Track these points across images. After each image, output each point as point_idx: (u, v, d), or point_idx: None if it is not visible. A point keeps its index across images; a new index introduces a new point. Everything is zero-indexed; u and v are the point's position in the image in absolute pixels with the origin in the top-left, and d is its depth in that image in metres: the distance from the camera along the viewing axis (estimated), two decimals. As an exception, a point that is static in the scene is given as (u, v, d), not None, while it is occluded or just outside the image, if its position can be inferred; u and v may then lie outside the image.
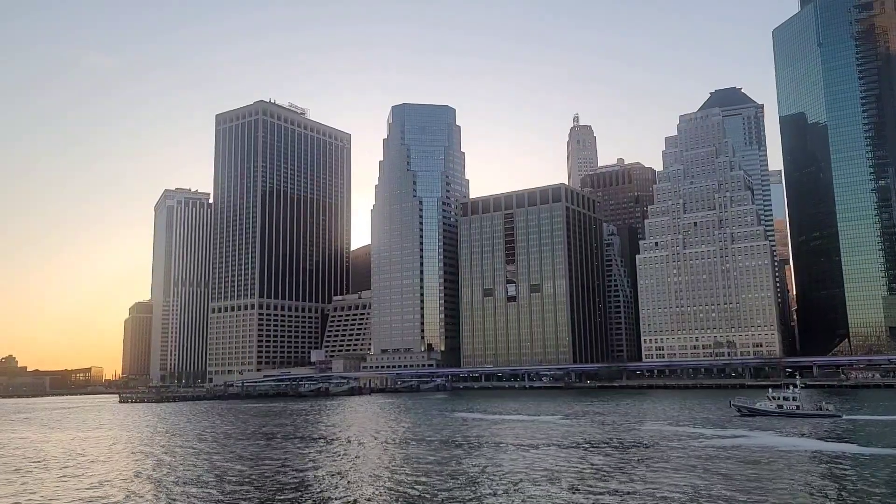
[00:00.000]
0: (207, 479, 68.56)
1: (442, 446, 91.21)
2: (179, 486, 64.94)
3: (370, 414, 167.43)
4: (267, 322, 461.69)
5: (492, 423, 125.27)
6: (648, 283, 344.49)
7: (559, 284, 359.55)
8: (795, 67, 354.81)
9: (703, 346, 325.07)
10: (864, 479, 61.26)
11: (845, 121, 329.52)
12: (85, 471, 76.53)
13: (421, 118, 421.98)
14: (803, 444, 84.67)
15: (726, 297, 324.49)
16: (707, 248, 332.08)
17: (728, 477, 63.28)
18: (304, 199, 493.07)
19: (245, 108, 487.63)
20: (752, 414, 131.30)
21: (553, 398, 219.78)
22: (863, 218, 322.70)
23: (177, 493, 61.09)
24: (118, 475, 72.63)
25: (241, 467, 75.61)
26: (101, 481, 68.57)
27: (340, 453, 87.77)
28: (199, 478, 69.51)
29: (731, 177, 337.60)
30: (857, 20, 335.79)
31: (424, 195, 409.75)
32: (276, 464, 78.46)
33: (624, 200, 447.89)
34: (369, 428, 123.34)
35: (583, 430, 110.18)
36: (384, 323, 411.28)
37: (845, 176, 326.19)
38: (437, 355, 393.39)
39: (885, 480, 61.30)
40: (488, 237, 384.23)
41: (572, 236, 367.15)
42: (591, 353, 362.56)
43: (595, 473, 66.54)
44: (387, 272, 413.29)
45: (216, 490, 62.02)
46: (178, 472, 73.99)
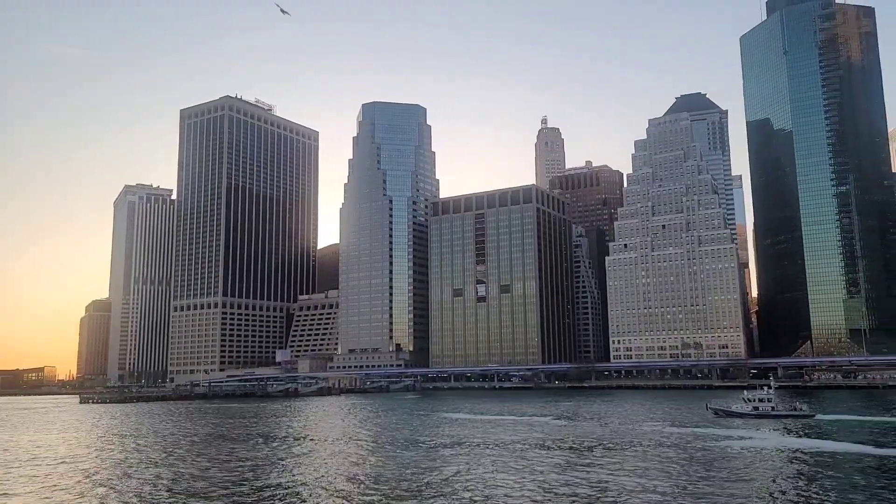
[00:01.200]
0: (185, 482, 66.18)
1: (446, 447, 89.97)
2: (161, 490, 62.51)
3: (348, 415, 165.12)
4: (231, 321, 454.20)
5: (484, 424, 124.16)
6: (617, 285, 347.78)
7: (529, 285, 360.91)
8: (762, 74, 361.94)
9: (671, 347, 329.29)
10: (856, 475, 62.66)
11: (809, 127, 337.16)
12: (54, 471, 73.37)
13: (391, 117, 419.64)
14: (811, 444, 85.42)
15: (693, 299, 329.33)
16: (675, 250, 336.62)
17: (759, 477, 63.75)
18: (271, 196, 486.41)
19: (210, 103, 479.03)
20: (728, 416, 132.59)
21: (528, 399, 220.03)
22: (825, 223, 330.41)
23: (161, 498, 58.78)
24: (93, 480, 69.63)
25: (224, 471, 73.19)
26: (70, 485, 65.72)
27: (327, 454, 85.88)
28: (177, 480, 67.09)
29: (698, 180, 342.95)
30: (820, 29, 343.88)
31: (394, 194, 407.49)
32: (268, 466, 76.31)
33: (592, 203, 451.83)
34: (356, 429, 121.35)
35: (584, 430, 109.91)
36: (352, 322, 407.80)
37: (809, 181, 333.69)
38: (405, 355, 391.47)
39: (873, 475, 63.07)
40: (458, 237, 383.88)
41: (542, 237, 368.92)
42: (560, 353, 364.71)
43: (631, 476, 65.88)
44: (355, 271, 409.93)
45: (197, 493, 59.87)
46: (157, 476, 71.17)
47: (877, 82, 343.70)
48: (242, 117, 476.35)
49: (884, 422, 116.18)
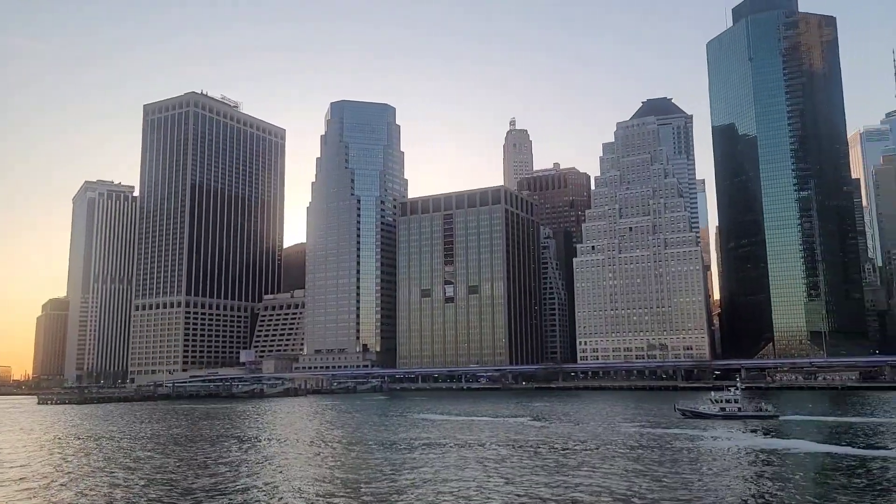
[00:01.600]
0: (151, 486, 64.13)
1: (425, 449, 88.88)
2: (131, 494, 60.49)
3: (318, 416, 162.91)
4: (194, 321, 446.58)
5: (460, 425, 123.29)
6: (585, 286, 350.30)
7: (497, 286, 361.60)
8: (727, 80, 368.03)
9: (636, 348, 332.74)
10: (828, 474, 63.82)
11: (773, 133, 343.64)
12: (18, 475, 70.62)
13: (360, 116, 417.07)
14: (797, 446, 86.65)
15: (659, 301, 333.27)
16: (641, 252, 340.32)
17: (738, 475, 64.51)
18: (236, 194, 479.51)
19: (175, 98, 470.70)
20: (695, 416, 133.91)
21: (498, 399, 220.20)
22: (787, 227, 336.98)
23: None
24: (59, 483, 67.13)
25: (193, 475, 71.19)
26: (35, 488, 63.30)
27: (300, 456, 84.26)
28: (145, 484, 64.98)
29: (665, 184, 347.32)
30: (784, 37, 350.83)
31: (362, 194, 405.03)
32: (238, 468, 74.48)
33: (559, 204, 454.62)
34: (329, 431, 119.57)
35: (563, 431, 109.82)
36: (318, 323, 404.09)
37: (772, 186, 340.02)
38: (372, 356, 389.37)
39: (837, 474, 64.77)
40: (427, 237, 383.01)
41: (511, 239, 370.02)
42: (527, 354, 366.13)
43: (629, 476, 65.58)
44: (322, 271, 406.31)
45: (162, 498, 58.09)
46: (123, 479, 68.86)
47: (837, 89, 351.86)
48: (208, 114, 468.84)
49: (845, 422, 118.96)
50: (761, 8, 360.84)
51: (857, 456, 75.18)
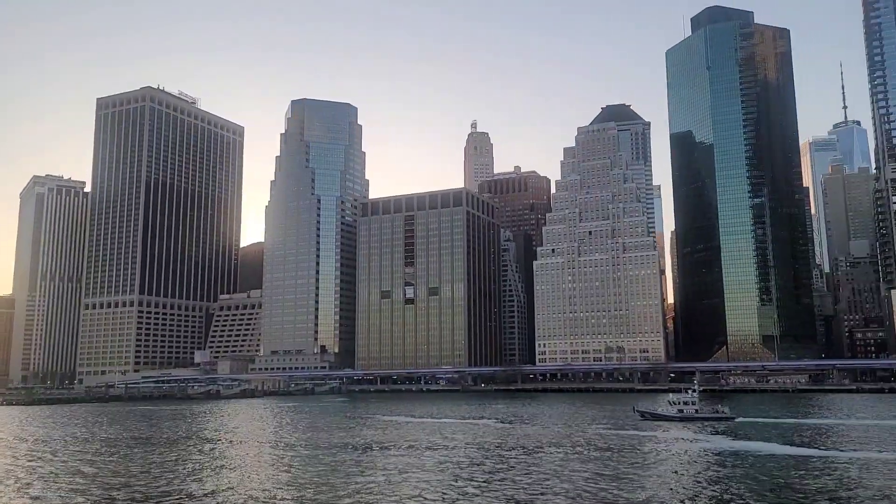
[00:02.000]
0: (108, 489, 62.27)
1: (397, 451, 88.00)
2: (84, 498, 58.48)
3: (278, 417, 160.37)
4: (146, 320, 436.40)
5: (428, 427, 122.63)
6: (544, 289, 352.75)
7: (458, 288, 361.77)
8: (686, 88, 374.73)
9: (594, 350, 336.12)
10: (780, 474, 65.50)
11: (729, 141, 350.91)
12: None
13: (322, 115, 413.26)
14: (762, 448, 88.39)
15: (617, 304, 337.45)
16: (600, 256, 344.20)
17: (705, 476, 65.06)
18: (192, 192, 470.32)
19: (130, 93, 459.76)
20: (654, 418, 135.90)
21: (460, 401, 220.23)
22: (741, 233, 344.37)
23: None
24: (7, 486, 64.55)
25: (149, 478, 69.20)
26: None
27: (266, 459, 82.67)
28: (102, 488, 62.96)
29: (624, 189, 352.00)
30: (740, 47, 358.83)
31: (323, 193, 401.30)
32: (198, 471, 72.64)
33: (519, 207, 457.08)
34: (293, 434, 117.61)
35: (533, 433, 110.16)
36: (275, 323, 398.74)
37: (727, 193, 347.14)
38: (330, 357, 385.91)
39: (793, 473, 66.97)
40: (388, 238, 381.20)
41: (471, 241, 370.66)
42: (486, 356, 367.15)
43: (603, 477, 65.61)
44: (280, 271, 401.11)
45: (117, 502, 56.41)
46: (79, 483, 66.55)
47: (791, 99, 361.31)
48: (164, 109, 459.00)
49: (797, 423, 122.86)
50: (719, 18, 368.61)
51: (810, 456, 77.91)
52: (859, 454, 79.13)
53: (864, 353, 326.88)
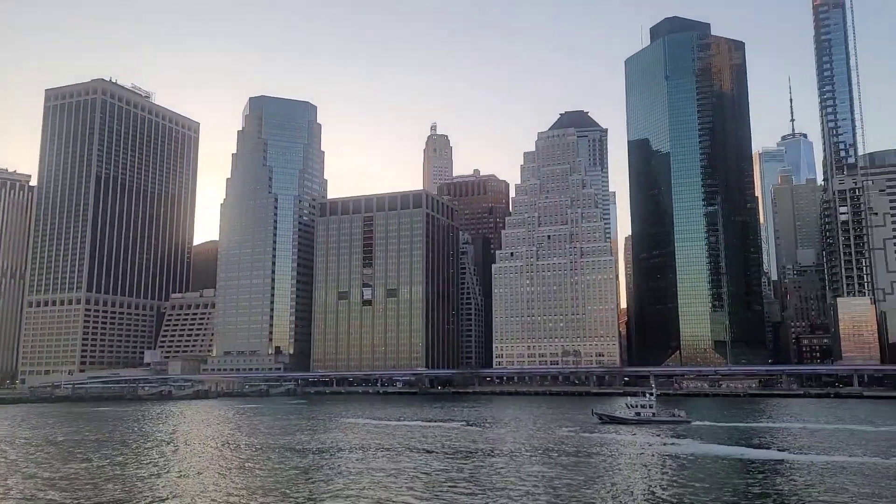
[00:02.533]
0: (56, 493, 59.83)
1: (369, 454, 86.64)
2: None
3: (237, 419, 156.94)
4: (94, 319, 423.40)
5: (395, 430, 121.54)
6: (503, 292, 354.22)
7: (416, 290, 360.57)
8: (644, 96, 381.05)
9: (551, 354, 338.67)
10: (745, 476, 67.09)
11: (685, 150, 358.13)
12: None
13: (280, 113, 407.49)
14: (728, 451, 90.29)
15: (573, 308, 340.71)
16: (558, 260, 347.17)
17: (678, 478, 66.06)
18: (144, 187, 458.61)
19: (81, 84, 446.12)
20: (612, 421, 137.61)
21: (420, 404, 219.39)
22: (695, 240, 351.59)
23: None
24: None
25: (112, 480, 66.85)
26: None
27: (231, 463, 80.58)
28: (53, 493, 60.50)
29: (582, 194, 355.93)
30: (697, 58, 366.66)
31: (280, 192, 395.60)
32: (155, 475, 70.36)
33: (478, 211, 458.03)
34: (264, 438, 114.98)
35: (506, 436, 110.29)
36: (229, 323, 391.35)
37: (682, 201, 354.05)
38: (285, 358, 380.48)
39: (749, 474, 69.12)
40: (346, 239, 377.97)
41: (431, 243, 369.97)
42: (444, 359, 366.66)
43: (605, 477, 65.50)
44: (235, 270, 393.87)
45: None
46: (27, 489, 63.80)
47: (745, 110, 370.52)
48: (117, 102, 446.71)
49: (751, 427, 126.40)
50: (677, 29, 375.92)
51: (765, 458, 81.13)
52: (809, 457, 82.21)
53: (811, 359, 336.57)
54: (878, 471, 71.58)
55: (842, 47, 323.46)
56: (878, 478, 67.43)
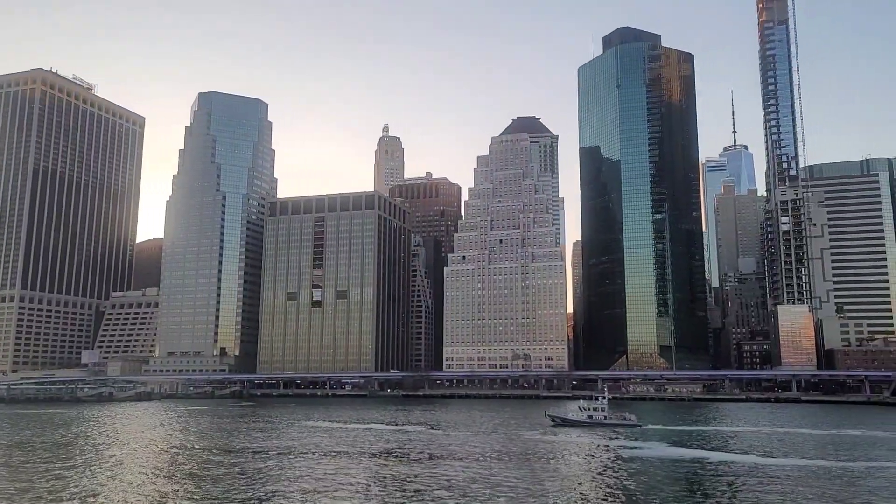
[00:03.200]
0: None
1: (363, 459, 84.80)
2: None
3: (190, 422, 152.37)
4: (29, 317, 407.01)
5: (358, 434, 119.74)
6: (454, 295, 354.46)
7: (367, 292, 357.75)
8: (596, 104, 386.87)
9: (501, 357, 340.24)
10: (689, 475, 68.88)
11: (635, 158, 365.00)
12: None
13: (230, 109, 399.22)
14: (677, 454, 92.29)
15: (524, 312, 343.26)
16: (510, 264, 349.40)
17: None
18: (85, 182, 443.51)
19: (19, 74, 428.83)
20: (565, 423, 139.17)
21: (375, 406, 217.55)
22: (643, 247, 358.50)
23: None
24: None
25: (40, 489, 63.82)
26: None
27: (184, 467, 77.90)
28: None
29: (534, 199, 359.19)
30: (648, 68, 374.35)
31: (229, 190, 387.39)
32: (95, 480, 67.51)
33: (430, 213, 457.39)
34: (216, 441, 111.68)
35: (474, 439, 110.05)
36: (173, 324, 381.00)
37: (632, 208, 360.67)
38: (230, 360, 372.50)
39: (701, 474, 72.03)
40: (296, 239, 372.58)
41: (383, 245, 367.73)
42: (393, 362, 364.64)
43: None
44: (180, 269, 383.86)
45: None
46: None
47: (692, 121, 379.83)
48: (57, 93, 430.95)
49: (699, 430, 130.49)
50: (629, 39, 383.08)
51: (714, 460, 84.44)
52: (753, 458, 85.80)
53: (751, 365, 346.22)
54: (818, 472, 74.80)
55: (785, 63, 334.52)
56: (819, 479, 70.46)
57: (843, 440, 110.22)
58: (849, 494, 62.10)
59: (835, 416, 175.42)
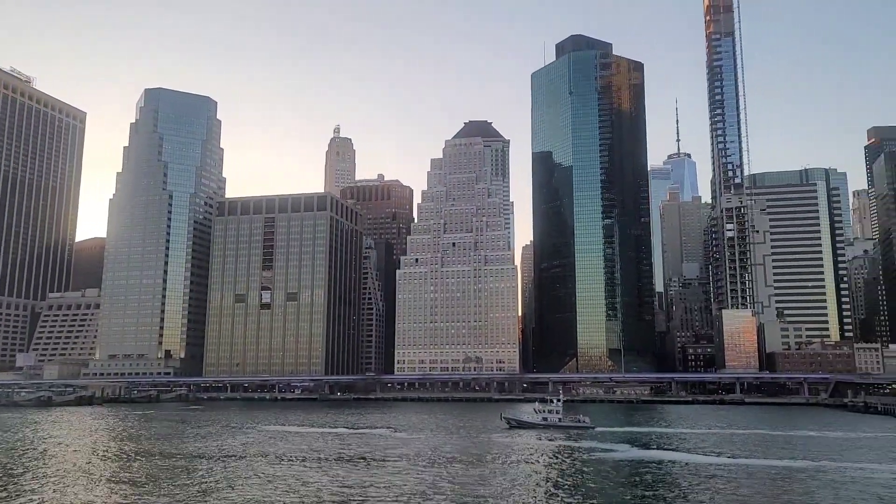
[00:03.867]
0: None
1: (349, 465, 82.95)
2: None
3: (141, 427, 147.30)
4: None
5: (328, 437, 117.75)
6: (407, 298, 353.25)
7: (318, 294, 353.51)
8: (549, 110, 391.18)
9: (453, 360, 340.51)
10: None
11: (586, 164, 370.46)
12: None
13: (178, 106, 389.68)
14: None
15: (476, 315, 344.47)
16: (463, 267, 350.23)
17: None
18: (21, 178, 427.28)
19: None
20: (520, 426, 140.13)
21: (330, 410, 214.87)
22: (594, 251, 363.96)
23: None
24: None
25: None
26: None
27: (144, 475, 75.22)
28: None
29: (488, 203, 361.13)
30: (600, 76, 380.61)
31: (176, 189, 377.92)
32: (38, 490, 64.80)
33: (381, 216, 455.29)
34: (177, 446, 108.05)
35: (447, 442, 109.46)
36: (115, 325, 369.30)
37: (584, 213, 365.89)
38: (175, 363, 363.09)
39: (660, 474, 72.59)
40: (245, 240, 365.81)
41: (334, 247, 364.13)
42: (344, 365, 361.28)
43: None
44: (123, 269, 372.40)
45: None
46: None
47: (642, 128, 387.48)
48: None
49: (651, 431, 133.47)
50: (581, 46, 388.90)
51: (670, 460, 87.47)
52: (708, 458, 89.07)
53: (695, 367, 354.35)
54: (765, 471, 78.30)
55: (732, 74, 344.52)
56: (763, 477, 73.79)
57: (791, 441, 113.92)
58: (793, 494, 64.35)
59: (779, 417, 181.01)
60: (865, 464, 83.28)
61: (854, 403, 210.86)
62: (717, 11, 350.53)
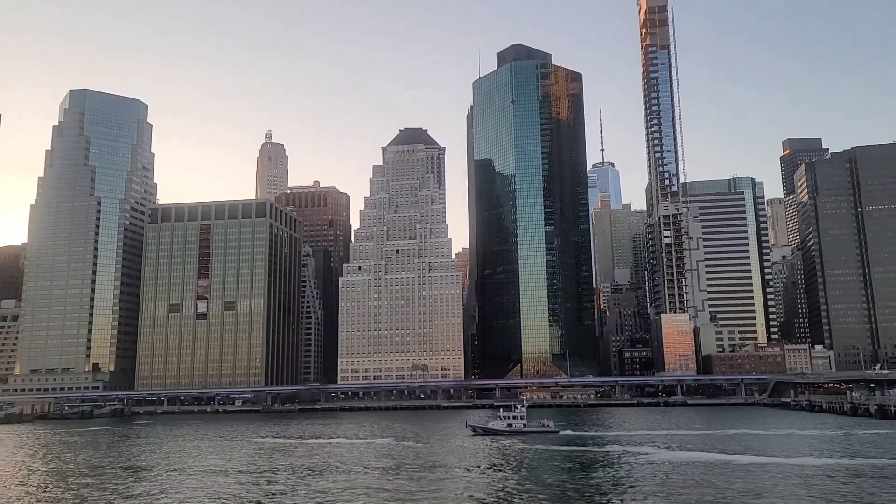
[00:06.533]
0: None
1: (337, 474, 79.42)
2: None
3: (97, 448, 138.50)
4: None
5: (310, 447, 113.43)
6: (350, 306, 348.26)
7: (256, 303, 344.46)
8: (490, 118, 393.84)
9: (398, 368, 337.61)
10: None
11: (528, 172, 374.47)
12: None
13: (106, 109, 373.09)
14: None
15: (421, 323, 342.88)
16: (407, 274, 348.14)
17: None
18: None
19: None
20: (485, 433, 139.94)
21: (278, 421, 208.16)
22: (536, 258, 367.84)
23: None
24: None
25: None
26: None
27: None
28: None
29: (431, 210, 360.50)
30: (540, 86, 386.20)
31: (104, 194, 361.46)
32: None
33: (318, 223, 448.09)
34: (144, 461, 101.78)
35: (430, 450, 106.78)
36: (38, 338, 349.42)
37: (526, 220, 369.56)
38: (104, 376, 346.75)
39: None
40: (179, 248, 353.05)
41: (273, 254, 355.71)
42: (284, 375, 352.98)
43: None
44: (47, 279, 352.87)
45: None
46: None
47: (581, 138, 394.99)
48: None
49: (615, 435, 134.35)
50: (522, 56, 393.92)
51: (645, 454, 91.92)
52: (678, 455, 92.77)
53: (632, 371, 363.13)
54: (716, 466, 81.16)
55: (667, 85, 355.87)
56: (726, 471, 76.47)
57: (741, 438, 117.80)
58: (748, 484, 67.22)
59: (722, 417, 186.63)
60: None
61: (797, 402, 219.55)
62: (652, 25, 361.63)
